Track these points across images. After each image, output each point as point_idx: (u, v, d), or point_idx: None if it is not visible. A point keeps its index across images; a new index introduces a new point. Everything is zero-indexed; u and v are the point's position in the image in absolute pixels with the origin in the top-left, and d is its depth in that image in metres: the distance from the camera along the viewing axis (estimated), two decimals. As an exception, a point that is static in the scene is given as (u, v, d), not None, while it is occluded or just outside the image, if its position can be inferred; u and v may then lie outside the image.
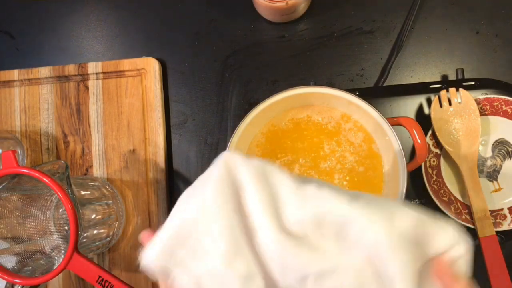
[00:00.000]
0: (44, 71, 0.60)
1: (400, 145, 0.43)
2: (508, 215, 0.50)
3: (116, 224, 0.56)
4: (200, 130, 0.59)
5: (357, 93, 0.48)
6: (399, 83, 0.56)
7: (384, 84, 0.56)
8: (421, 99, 0.52)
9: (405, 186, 0.43)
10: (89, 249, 0.54)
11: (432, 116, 0.50)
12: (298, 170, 0.48)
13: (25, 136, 0.61)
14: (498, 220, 0.49)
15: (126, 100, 0.60)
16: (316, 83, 0.55)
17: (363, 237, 0.27)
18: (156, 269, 0.30)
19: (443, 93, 0.51)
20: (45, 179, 0.43)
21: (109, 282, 0.43)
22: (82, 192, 0.53)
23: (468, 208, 0.50)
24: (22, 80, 0.61)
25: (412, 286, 0.27)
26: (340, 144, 0.48)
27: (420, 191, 0.51)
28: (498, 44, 0.56)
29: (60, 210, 0.52)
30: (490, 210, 0.49)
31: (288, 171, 0.48)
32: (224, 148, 0.47)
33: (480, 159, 0.51)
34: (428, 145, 0.50)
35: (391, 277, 0.26)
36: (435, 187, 0.50)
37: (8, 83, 0.62)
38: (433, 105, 0.51)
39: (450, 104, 0.50)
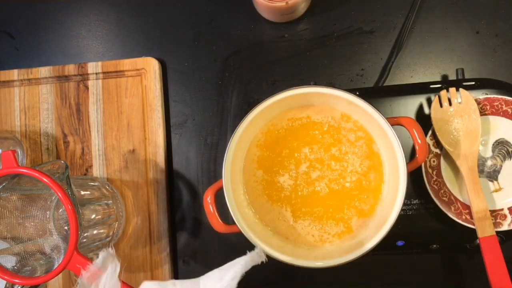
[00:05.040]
0: (44, 71, 0.60)
1: (400, 145, 0.43)
2: (508, 215, 0.50)
3: (116, 224, 0.56)
4: (200, 130, 0.59)
5: (357, 93, 0.48)
6: (399, 83, 0.56)
7: (384, 84, 0.56)
8: (421, 99, 0.52)
9: (405, 186, 0.43)
10: (89, 249, 0.54)
11: (432, 116, 0.50)
12: (296, 170, 0.48)
13: (25, 136, 0.61)
14: (498, 220, 0.49)
15: (126, 100, 0.60)
16: (316, 83, 0.55)
17: None
18: None
19: (443, 93, 0.51)
20: (45, 179, 0.43)
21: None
22: (82, 192, 0.53)
23: (468, 208, 0.49)
24: (22, 80, 0.61)
25: None
26: (340, 144, 0.48)
27: (420, 191, 0.51)
28: (498, 44, 0.56)
29: (60, 210, 0.52)
30: (490, 210, 0.48)
31: (286, 170, 0.48)
32: (224, 148, 0.47)
33: (480, 159, 0.51)
34: (428, 145, 0.50)
35: None
36: (435, 187, 0.50)
37: (8, 83, 0.62)
38: (433, 105, 0.51)
39: (450, 104, 0.50)
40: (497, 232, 0.48)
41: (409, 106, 0.52)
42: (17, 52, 0.64)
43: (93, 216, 0.53)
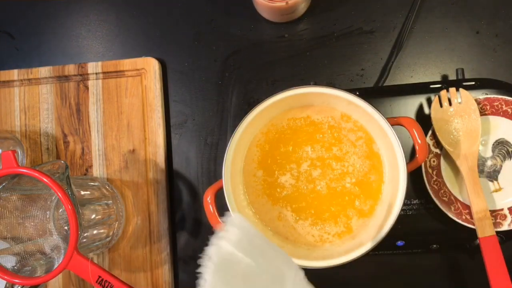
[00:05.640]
0: (44, 71, 0.60)
1: (400, 145, 0.43)
2: (508, 215, 0.50)
3: (116, 224, 0.56)
4: (200, 130, 0.59)
5: (357, 93, 0.48)
6: (399, 83, 0.56)
7: (384, 84, 0.56)
8: (421, 99, 0.52)
9: (405, 186, 0.43)
10: (89, 249, 0.54)
11: (432, 116, 0.50)
12: (298, 169, 0.48)
13: (25, 136, 0.61)
14: (498, 220, 0.49)
15: (126, 100, 0.60)
16: (316, 83, 0.55)
17: None
18: None
19: (443, 93, 0.51)
20: (45, 179, 0.43)
21: (109, 282, 0.43)
22: (82, 192, 0.53)
23: (468, 208, 0.49)
24: (22, 80, 0.61)
25: None
26: (340, 144, 0.48)
27: (420, 191, 0.51)
28: (498, 44, 0.56)
29: (60, 210, 0.52)
30: (490, 210, 0.48)
31: (286, 170, 0.48)
32: (224, 148, 0.47)
33: (480, 159, 0.51)
34: (428, 145, 0.50)
35: None
36: (435, 187, 0.50)
37: (8, 83, 0.62)
38: (433, 105, 0.51)
39: (450, 104, 0.50)
40: (497, 232, 0.48)
41: (409, 106, 0.52)
42: (17, 52, 0.64)
43: (93, 216, 0.53)
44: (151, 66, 0.59)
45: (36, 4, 0.64)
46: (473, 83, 0.52)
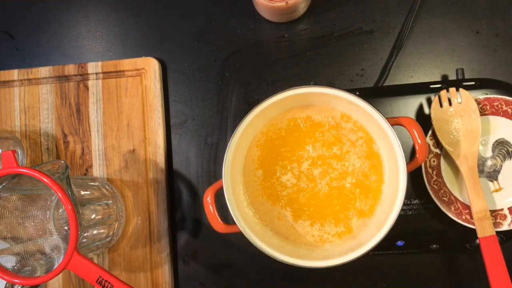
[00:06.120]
0: (44, 71, 0.60)
1: (400, 145, 0.43)
2: (508, 215, 0.50)
3: (116, 224, 0.56)
4: (200, 130, 0.59)
5: (357, 93, 0.48)
6: (399, 83, 0.56)
7: (384, 84, 0.56)
8: (421, 99, 0.52)
9: (405, 186, 0.43)
10: (89, 249, 0.54)
11: (432, 116, 0.50)
12: (299, 169, 0.48)
13: (25, 136, 0.61)
14: (498, 220, 0.49)
15: (126, 100, 0.60)
16: (316, 83, 0.55)
17: None
18: None
19: (443, 93, 0.51)
20: (45, 179, 0.43)
21: (109, 282, 0.43)
22: (82, 192, 0.53)
23: (468, 208, 0.50)
24: (22, 80, 0.61)
25: None
26: (340, 144, 0.48)
27: (420, 191, 0.51)
28: (498, 44, 0.56)
29: (60, 210, 0.52)
30: (490, 210, 0.49)
31: (287, 170, 0.48)
32: (224, 148, 0.47)
33: (480, 159, 0.51)
34: (428, 145, 0.50)
35: None
36: (435, 187, 0.50)
37: (8, 83, 0.62)
38: (433, 105, 0.51)
39: (450, 104, 0.50)
40: (497, 232, 0.48)
41: (409, 106, 0.52)
42: (17, 52, 0.64)
43: (93, 216, 0.53)
44: (151, 66, 0.59)
45: (36, 4, 0.64)
46: (473, 83, 0.52)
